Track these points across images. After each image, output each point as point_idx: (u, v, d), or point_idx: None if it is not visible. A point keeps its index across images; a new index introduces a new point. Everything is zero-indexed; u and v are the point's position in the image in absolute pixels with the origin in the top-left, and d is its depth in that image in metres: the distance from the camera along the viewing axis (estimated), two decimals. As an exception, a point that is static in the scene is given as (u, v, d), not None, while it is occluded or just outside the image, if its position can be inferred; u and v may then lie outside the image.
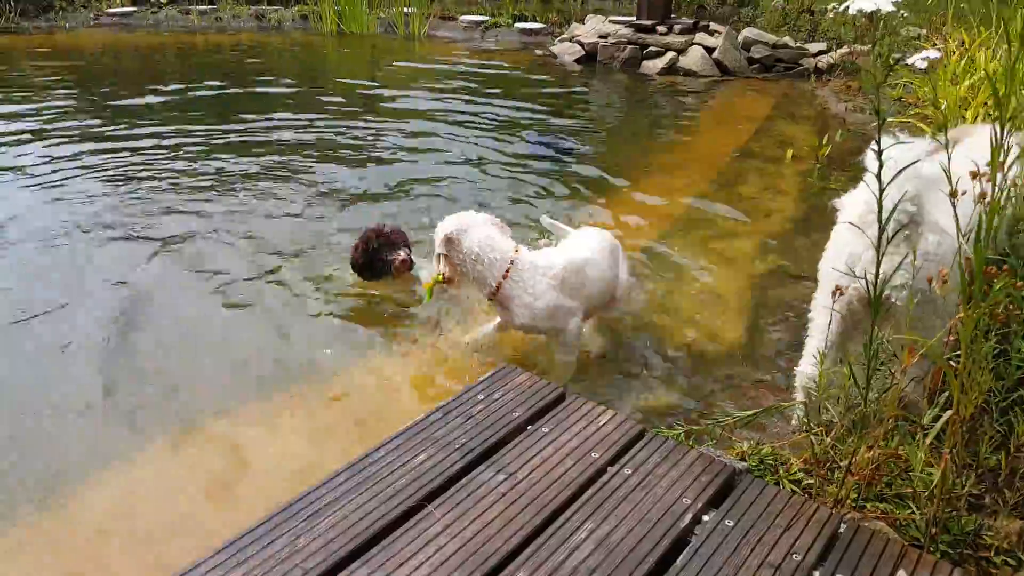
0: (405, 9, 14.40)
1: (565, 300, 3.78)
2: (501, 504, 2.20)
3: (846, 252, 2.90)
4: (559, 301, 3.76)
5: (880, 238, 2.16)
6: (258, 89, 10.34)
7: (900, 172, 2.15)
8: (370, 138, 8.08)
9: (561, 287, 3.76)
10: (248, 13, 15.47)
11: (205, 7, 15.75)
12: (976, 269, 2.04)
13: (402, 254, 4.58)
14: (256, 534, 2.09)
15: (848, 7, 1.90)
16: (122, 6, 15.87)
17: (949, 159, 2.04)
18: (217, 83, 10.51)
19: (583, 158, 7.45)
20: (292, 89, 10.40)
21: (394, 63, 12.37)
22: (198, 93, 10.02)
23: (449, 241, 3.77)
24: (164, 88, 10.20)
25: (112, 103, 9.50)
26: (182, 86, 10.37)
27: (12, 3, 14.71)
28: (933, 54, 1.96)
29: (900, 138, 2.53)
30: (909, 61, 2.02)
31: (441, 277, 3.89)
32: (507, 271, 3.73)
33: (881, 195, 2.12)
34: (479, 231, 3.76)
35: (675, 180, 6.88)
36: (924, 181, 2.60)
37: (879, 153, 2.07)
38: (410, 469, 2.32)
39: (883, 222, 2.14)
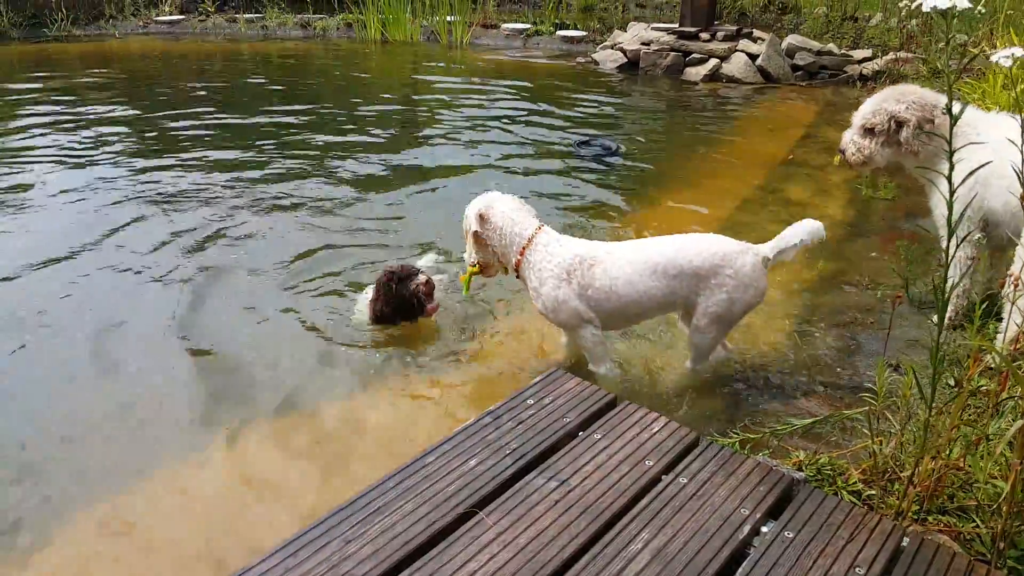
0: (448, 17, 14.50)
1: (573, 299, 3.55)
2: (555, 512, 2.16)
3: None
4: (564, 296, 3.55)
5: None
6: (303, 94, 10.44)
7: None
8: (412, 146, 8.12)
9: (568, 281, 3.55)
10: (294, 21, 15.64)
11: (252, 15, 15.98)
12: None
13: (423, 276, 4.31)
14: (307, 538, 2.07)
15: (921, 4, 1.84)
16: (170, 14, 16.15)
17: (1023, 152, 1.97)
18: (266, 86, 10.67)
19: (628, 164, 7.41)
20: (330, 105, 10.48)
21: (437, 70, 12.44)
22: (245, 105, 10.16)
23: (481, 218, 3.73)
24: (209, 92, 10.38)
25: (158, 103, 9.66)
26: (229, 85, 10.58)
27: (65, 12, 15.05)
28: (1019, 51, 1.89)
29: None
30: (994, 58, 1.94)
31: (476, 268, 3.85)
32: (523, 249, 3.67)
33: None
34: (503, 204, 3.75)
35: (720, 185, 6.81)
36: None
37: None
38: (462, 474, 2.30)
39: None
